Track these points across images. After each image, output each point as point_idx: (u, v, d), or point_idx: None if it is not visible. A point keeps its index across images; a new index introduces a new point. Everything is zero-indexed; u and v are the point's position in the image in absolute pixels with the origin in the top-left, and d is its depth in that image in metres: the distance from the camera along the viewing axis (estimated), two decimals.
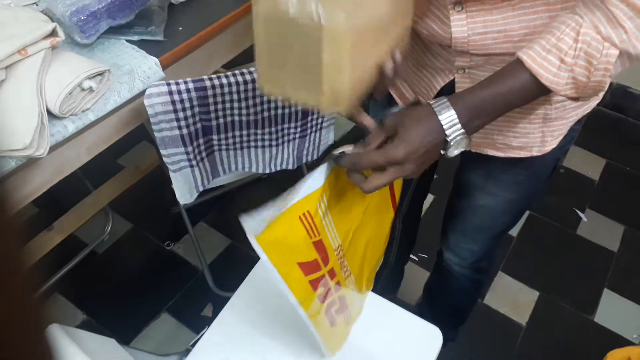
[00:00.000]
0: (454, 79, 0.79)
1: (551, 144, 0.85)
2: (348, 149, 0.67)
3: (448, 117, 0.63)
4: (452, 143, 0.65)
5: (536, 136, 0.83)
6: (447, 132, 0.64)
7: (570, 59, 0.60)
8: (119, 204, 1.74)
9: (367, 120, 0.70)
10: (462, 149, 0.66)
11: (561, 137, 0.85)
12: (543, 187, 0.98)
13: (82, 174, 1.71)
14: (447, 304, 1.36)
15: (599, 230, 1.81)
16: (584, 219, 1.85)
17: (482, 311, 1.58)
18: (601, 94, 0.77)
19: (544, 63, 0.61)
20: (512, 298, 1.63)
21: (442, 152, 0.66)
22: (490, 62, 0.74)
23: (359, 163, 0.66)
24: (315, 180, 0.72)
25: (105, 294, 1.62)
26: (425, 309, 1.41)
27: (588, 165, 1.99)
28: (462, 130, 0.64)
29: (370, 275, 0.98)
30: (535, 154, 0.85)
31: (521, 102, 0.65)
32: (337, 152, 0.68)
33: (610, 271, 1.71)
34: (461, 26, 0.71)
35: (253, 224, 0.70)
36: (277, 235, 0.69)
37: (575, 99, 0.65)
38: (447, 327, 1.35)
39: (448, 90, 0.81)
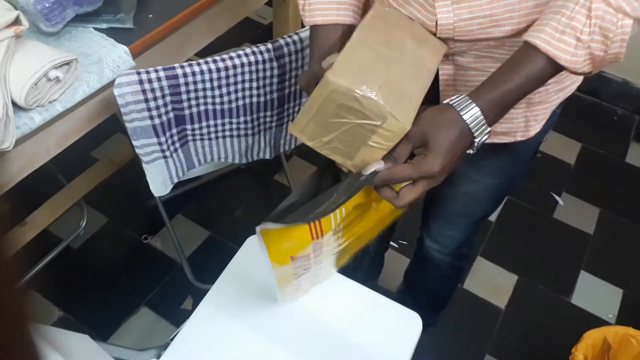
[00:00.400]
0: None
1: (535, 129, 0.85)
2: (378, 166, 0.65)
3: (473, 118, 0.62)
4: (477, 142, 0.64)
5: (520, 121, 0.83)
6: (475, 133, 0.63)
7: (587, 36, 0.59)
8: (94, 197, 1.70)
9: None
10: (485, 139, 0.65)
11: (544, 121, 0.85)
12: (525, 171, 0.99)
13: (54, 167, 1.67)
14: (427, 290, 1.36)
15: (575, 213, 1.84)
16: (561, 202, 1.87)
17: (462, 296, 1.60)
18: (581, 78, 0.76)
19: (561, 45, 0.60)
20: (491, 282, 1.65)
21: (469, 151, 0.66)
22: (474, 47, 0.73)
23: (393, 181, 0.64)
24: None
25: (82, 290, 1.59)
26: (405, 295, 1.41)
27: (564, 149, 2.02)
28: (486, 125, 0.63)
29: (353, 255, 0.98)
30: (519, 138, 0.85)
31: (539, 86, 0.64)
32: (368, 171, 0.65)
33: (586, 253, 1.74)
34: (447, 12, 0.69)
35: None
36: (283, 240, 0.70)
37: (589, 73, 0.64)
38: (427, 313, 1.35)
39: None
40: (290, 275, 0.79)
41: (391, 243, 1.65)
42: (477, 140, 0.64)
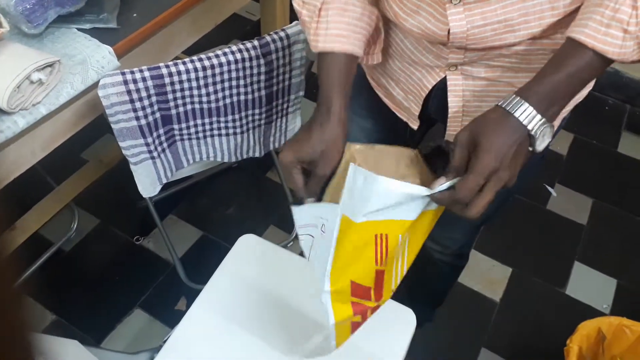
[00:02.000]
0: (444, 77, 0.76)
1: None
2: (442, 184, 0.63)
3: (524, 112, 0.60)
4: (537, 136, 0.61)
5: None
6: (529, 127, 0.60)
7: (634, 27, 0.58)
8: (85, 199, 1.68)
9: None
10: (549, 140, 0.63)
11: (559, 122, 0.83)
12: (535, 173, 0.97)
13: (43, 170, 1.65)
14: (425, 288, 1.36)
15: (569, 204, 1.84)
16: (554, 194, 1.87)
17: (457, 289, 1.59)
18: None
19: (607, 39, 0.58)
20: (485, 275, 1.65)
21: (530, 148, 0.63)
22: (485, 57, 0.71)
23: (462, 197, 0.62)
24: (410, 212, 0.66)
25: (74, 293, 1.57)
26: (402, 292, 1.40)
27: (556, 140, 2.01)
28: (543, 120, 0.61)
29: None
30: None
31: (592, 77, 0.62)
32: (435, 189, 0.63)
33: (580, 244, 1.74)
34: (459, 20, 0.67)
35: (304, 216, 0.67)
36: (349, 240, 0.65)
37: (639, 61, 0.62)
38: (424, 309, 1.35)
39: (439, 89, 0.78)
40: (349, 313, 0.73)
41: None
42: (535, 133, 0.61)
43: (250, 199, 1.81)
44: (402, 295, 1.38)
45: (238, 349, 0.94)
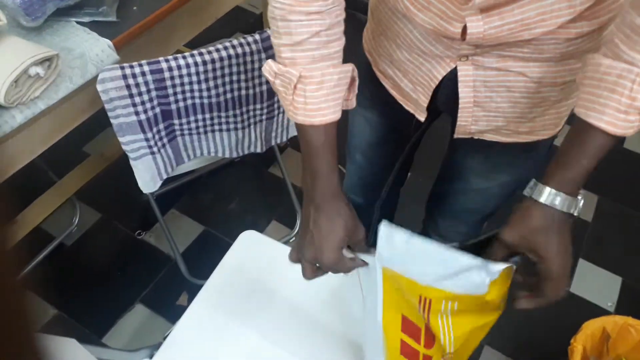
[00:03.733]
0: (455, 67, 0.75)
1: (559, 126, 0.83)
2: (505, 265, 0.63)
3: (567, 205, 0.62)
4: (575, 213, 0.63)
5: (550, 118, 0.81)
6: (576, 213, 0.63)
7: None
8: (86, 193, 1.68)
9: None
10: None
11: (566, 118, 0.83)
12: (539, 168, 0.96)
13: (44, 164, 1.65)
14: None
15: None
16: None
17: None
18: None
19: (625, 124, 0.60)
20: None
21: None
22: (497, 48, 0.70)
23: (552, 298, 0.64)
24: (471, 288, 0.65)
25: (76, 287, 1.57)
26: None
27: (562, 136, 1.99)
28: (582, 200, 0.63)
29: None
30: (544, 137, 0.84)
31: (609, 150, 0.64)
32: (500, 267, 0.63)
33: (584, 241, 1.72)
34: (476, 21, 0.65)
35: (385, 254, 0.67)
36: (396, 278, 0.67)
37: None
38: None
39: (449, 80, 0.77)
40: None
41: None
42: (574, 213, 0.63)
43: (252, 194, 1.80)
44: None
45: (239, 344, 0.93)
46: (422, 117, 0.84)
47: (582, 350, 1.19)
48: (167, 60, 0.94)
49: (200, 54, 0.96)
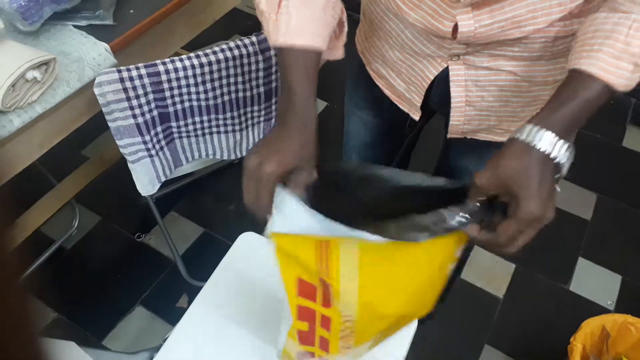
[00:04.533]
0: (447, 67, 0.75)
1: None
2: (460, 215, 0.57)
3: (550, 143, 0.56)
4: (564, 162, 0.58)
5: None
6: (556, 156, 0.56)
7: None
8: (86, 196, 1.68)
9: None
10: (571, 161, 0.60)
11: None
12: None
13: (44, 167, 1.65)
14: None
15: (573, 199, 1.82)
16: (558, 189, 1.85)
17: (459, 286, 1.58)
18: None
19: (618, 71, 0.57)
20: (488, 272, 1.64)
21: (557, 175, 0.59)
22: (488, 47, 0.70)
23: (503, 242, 0.58)
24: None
25: (76, 290, 1.57)
26: None
27: None
28: (567, 145, 0.57)
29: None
30: None
31: (600, 106, 0.60)
32: (454, 220, 0.57)
33: (584, 239, 1.72)
34: (467, 19, 0.66)
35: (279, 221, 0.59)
36: (288, 243, 0.59)
37: None
38: None
39: (441, 79, 0.77)
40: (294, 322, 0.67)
41: None
42: (560, 162, 0.58)
43: None
44: None
45: (238, 346, 0.93)
46: (416, 116, 0.85)
47: (581, 349, 1.19)
48: (164, 63, 0.94)
49: (198, 56, 0.96)
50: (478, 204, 0.58)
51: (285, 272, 0.62)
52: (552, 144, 0.56)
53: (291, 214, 0.58)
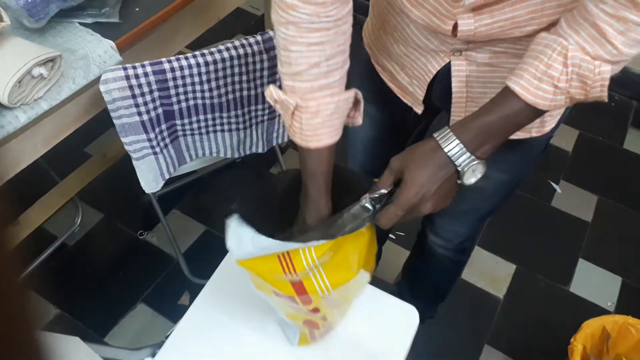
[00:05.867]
0: (449, 62, 0.76)
1: (550, 124, 0.83)
2: (365, 200, 0.67)
3: (454, 148, 0.62)
4: (465, 171, 0.63)
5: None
6: (457, 162, 0.63)
7: (564, 83, 0.59)
8: (89, 194, 1.69)
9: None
10: (480, 175, 0.65)
11: (559, 117, 0.83)
12: (534, 166, 0.97)
13: (46, 165, 1.66)
14: (428, 284, 1.35)
15: (574, 201, 1.82)
16: (559, 190, 1.86)
17: (460, 286, 1.59)
18: None
19: (539, 92, 0.60)
20: (489, 272, 1.64)
21: (459, 181, 0.65)
22: (489, 44, 0.71)
23: (381, 224, 0.67)
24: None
25: (78, 287, 1.58)
26: (404, 288, 1.40)
27: (562, 136, 2.00)
28: (472, 157, 0.62)
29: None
30: (534, 135, 0.84)
31: (527, 122, 0.64)
32: (358, 204, 0.67)
33: (584, 241, 1.72)
34: (467, 19, 0.67)
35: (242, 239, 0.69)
36: (255, 269, 0.70)
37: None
38: (426, 305, 1.34)
39: (443, 75, 0.78)
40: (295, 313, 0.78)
41: (389, 235, 1.63)
42: (462, 169, 0.63)
43: None
44: (403, 290, 1.38)
45: (240, 344, 0.93)
46: (419, 109, 0.86)
47: (582, 350, 1.19)
48: (169, 61, 0.94)
49: (203, 54, 0.96)
50: (384, 190, 0.66)
51: (262, 290, 0.72)
52: (455, 151, 0.62)
53: (246, 241, 0.68)
